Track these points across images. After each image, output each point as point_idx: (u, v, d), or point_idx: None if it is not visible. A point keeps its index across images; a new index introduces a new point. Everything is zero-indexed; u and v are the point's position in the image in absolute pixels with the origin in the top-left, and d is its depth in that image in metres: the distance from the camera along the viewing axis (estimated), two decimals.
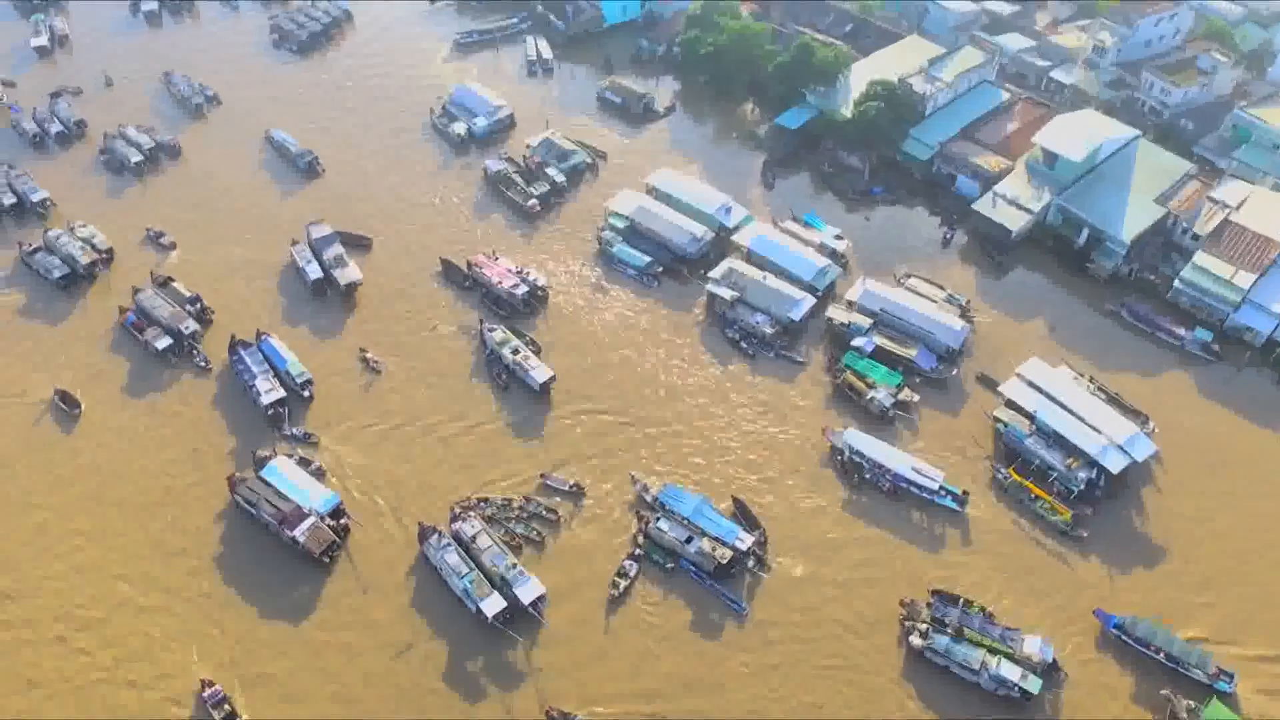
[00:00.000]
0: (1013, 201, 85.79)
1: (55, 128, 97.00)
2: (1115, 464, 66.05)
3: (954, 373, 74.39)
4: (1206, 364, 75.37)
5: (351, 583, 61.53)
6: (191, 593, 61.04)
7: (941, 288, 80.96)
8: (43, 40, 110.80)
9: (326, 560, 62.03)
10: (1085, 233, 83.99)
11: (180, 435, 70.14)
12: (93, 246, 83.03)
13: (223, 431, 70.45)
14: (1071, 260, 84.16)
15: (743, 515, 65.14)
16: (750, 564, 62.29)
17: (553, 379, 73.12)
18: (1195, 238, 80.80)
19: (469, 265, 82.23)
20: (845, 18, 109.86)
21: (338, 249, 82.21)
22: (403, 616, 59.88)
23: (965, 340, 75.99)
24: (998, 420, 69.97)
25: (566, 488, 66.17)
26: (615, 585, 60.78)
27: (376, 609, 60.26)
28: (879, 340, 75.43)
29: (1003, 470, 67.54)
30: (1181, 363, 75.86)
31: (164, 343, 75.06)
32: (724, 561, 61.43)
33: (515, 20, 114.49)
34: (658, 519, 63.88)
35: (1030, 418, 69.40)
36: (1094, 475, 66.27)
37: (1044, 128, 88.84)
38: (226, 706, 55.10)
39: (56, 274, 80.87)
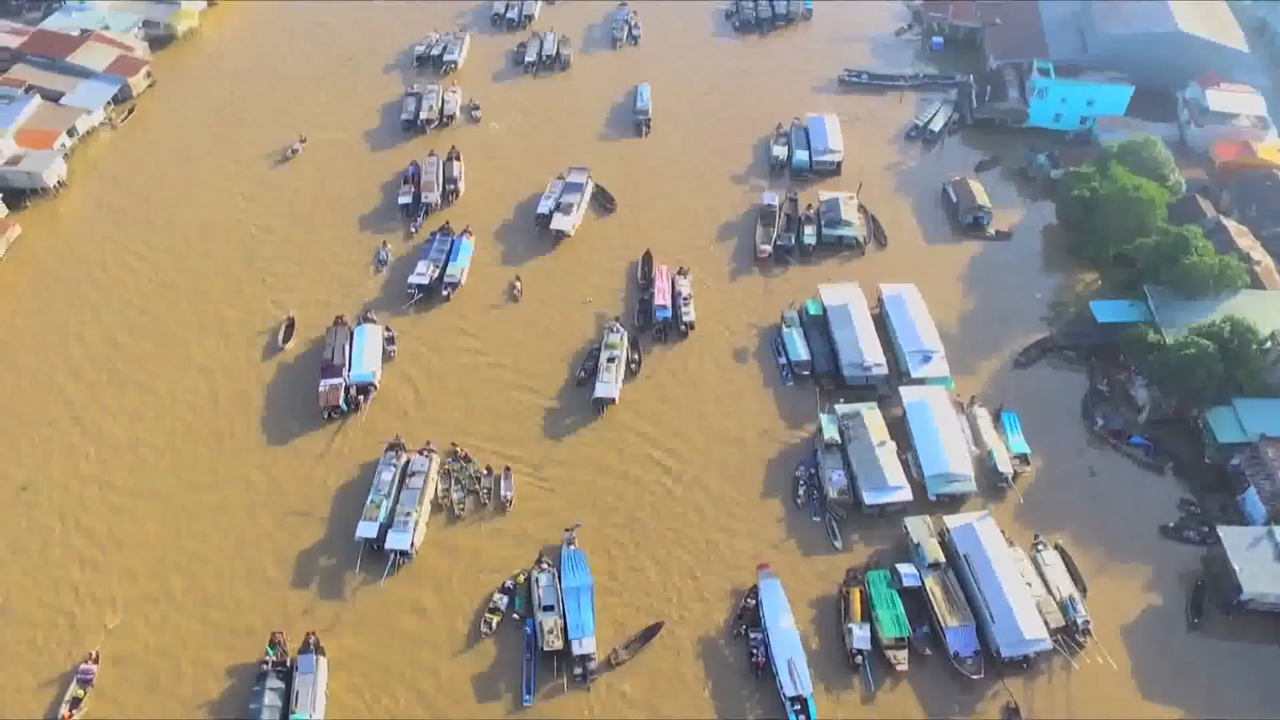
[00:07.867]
0: None
1: (511, 14, 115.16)
2: None
3: (979, 676, 56.41)
4: None
5: (319, 445, 69.39)
6: (235, 370, 74.48)
7: (1081, 587, 60.35)
8: None
9: (325, 418, 70.58)
10: None
11: (346, 267, 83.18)
12: (441, 109, 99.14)
13: (380, 283, 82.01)
14: None
15: (643, 635, 58.86)
16: (576, 670, 56.87)
17: (611, 401, 71.43)
18: None
19: (653, 269, 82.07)
20: None
21: (574, 198, 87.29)
22: (318, 493, 65.98)
23: (1031, 656, 56.76)
24: None
25: (502, 495, 65.66)
26: (488, 624, 59.20)
27: (309, 474, 67.08)
28: (928, 583, 59.89)
29: None
30: None
31: (405, 199, 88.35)
32: (547, 649, 57.01)
33: (913, 76, 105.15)
34: (545, 571, 61.00)
35: None
36: None
37: None
38: (81, 692, 54.35)
39: (402, 116, 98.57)
